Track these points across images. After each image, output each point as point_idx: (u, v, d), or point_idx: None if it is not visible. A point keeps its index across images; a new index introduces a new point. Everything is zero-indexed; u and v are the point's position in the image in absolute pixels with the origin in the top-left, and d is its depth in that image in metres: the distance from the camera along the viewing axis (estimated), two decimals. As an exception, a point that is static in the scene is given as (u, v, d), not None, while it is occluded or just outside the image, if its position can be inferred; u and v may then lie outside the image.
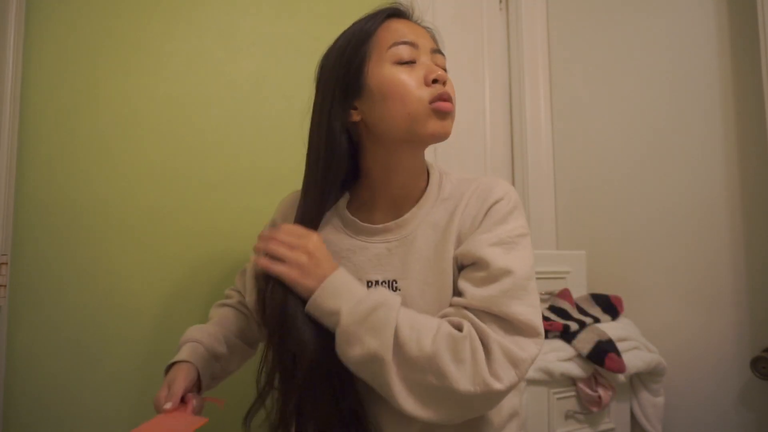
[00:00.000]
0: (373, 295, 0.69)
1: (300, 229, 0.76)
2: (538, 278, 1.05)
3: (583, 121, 1.69)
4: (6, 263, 1.01)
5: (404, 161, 0.79)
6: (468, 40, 1.70)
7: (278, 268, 0.72)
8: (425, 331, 0.67)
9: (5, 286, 1.01)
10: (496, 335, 0.68)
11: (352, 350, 0.67)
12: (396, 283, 0.77)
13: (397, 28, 0.77)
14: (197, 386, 0.81)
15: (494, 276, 0.71)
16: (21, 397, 1.03)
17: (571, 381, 1.28)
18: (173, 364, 0.81)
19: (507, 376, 0.66)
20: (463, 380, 0.65)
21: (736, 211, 1.32)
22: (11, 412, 1.01)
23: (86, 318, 1.09)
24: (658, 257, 1.47)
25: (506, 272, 0.71)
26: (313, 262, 0.72)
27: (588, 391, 1.26)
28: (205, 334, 0.88)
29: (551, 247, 1.71)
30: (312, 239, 0.74)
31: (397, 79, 0.74)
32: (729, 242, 1.33)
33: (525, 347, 0.69)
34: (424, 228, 0.79)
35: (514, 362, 0.67)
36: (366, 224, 0.82)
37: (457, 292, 0.75)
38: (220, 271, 1.22)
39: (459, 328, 0.69)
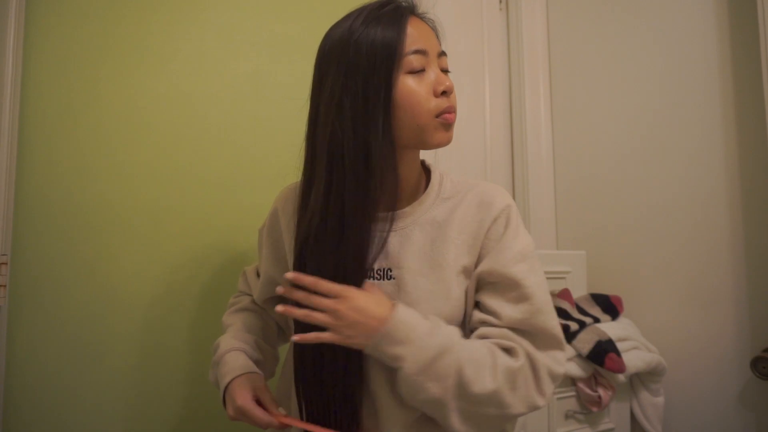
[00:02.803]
0: (435, 339, 0.70)
1: (335, 288, 0.71)
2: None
3: (583, 120, 1.69)
4: (6, 263, 1.01)
5: (404, 160, 0.80)
6: (468, 40, 1.70)
7: (325, 336, 0.70)
8: (483, 365, 0.70)
9: (5, 286, 1.01)
10: (542, 357, 0.74)
11: (416, 395, 0.70)
12: (390, 271, 0.79)
13: (410, 33, 0.76)
14: None
15: (527, 294, 0.75)
16: (21, 396, 1.03)
17: (571, 381, 1.28)
18: (233, 376, 0.82)
19: (548, 391, 0.74)
20: (518, 406, 0.72)
21: (736, 211, 1.32)
22: (11, 412, 1.01)
23: (86, 317, 1.09)
24: (658, 257, 1.47)
25: (536, 290, 0.76)
26: (361, 319, 0.69)
27: (588, 391, 1.26)
28: (241, 341, 0.89)
29: (551, 247, 1.71)
30: (350, 300, 0.70)
31: (409, 90, 0.75)
32: (729, 242, 1.33)
33: (561, 361, 0.76)
34: (423, 223, 0.81)
35: (554, 378, 0.75)
36: None
37: (486, 310, 0.78)
38: (221, 270, 1.22)
39: (511, 353, 0.73)
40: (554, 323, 0.76)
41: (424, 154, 0.87)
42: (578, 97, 1.71)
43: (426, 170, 0.88)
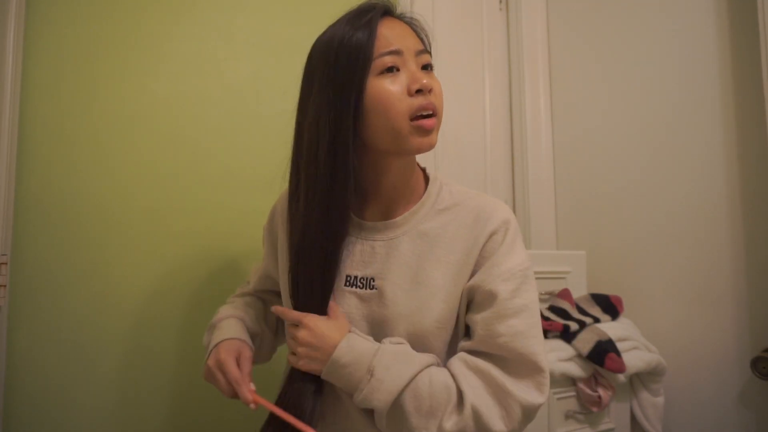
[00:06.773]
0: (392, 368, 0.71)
1: (295, 316, 0.77)
2: (537, 278, 1.06)
3: (583, 121, 1.69)
4: (6, 263, 1.01)
5: (392, 166, 0.78)
6: (468, 40, 1.70)
7: (292, 360, 0.77)
8: (435, 415, 0.69)
9: (5, 286, 1.01)
10: (515, 389, 0.70)
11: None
12: (373, 281, 0.77)
13: (382, 34, 0.74)
14: None
15: (506, 315, 0.72)
16: (21, 396, 1.03)
17: (571, 381, 1.27)
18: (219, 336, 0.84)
19: (516, 427, 0.70)
20: None
21: (737, 210, 1.32)
22: (11, 412, 1.01)
23: (86, 317, 1.09)
24: (658, 257, 1.47)
25: (519, 311, 0.72)
26: (318, 344, 0.73)
27: (588, 391, 1.26)
28: (242, 312, 0.91)
29: (551, 247, 1.71)
30: (307, 327, 0.74)
31: (381, 91, 0.72)
32: (729, 242, 1.33)
33: (541, 388, 0.71)
34: (412, 235, 0.78)
35: (530, 410, 0.70)
36: (356, 218, 0.81)
37: (469, 332, 0.76)
38: (218, 272, 1.22)
39: (461, 396, 0.70)
40: (536, 348, 0.71)
41: (424, 161, 0.85)
42: (578, 97, 1.71)
43: (426, 178, 0.85)
